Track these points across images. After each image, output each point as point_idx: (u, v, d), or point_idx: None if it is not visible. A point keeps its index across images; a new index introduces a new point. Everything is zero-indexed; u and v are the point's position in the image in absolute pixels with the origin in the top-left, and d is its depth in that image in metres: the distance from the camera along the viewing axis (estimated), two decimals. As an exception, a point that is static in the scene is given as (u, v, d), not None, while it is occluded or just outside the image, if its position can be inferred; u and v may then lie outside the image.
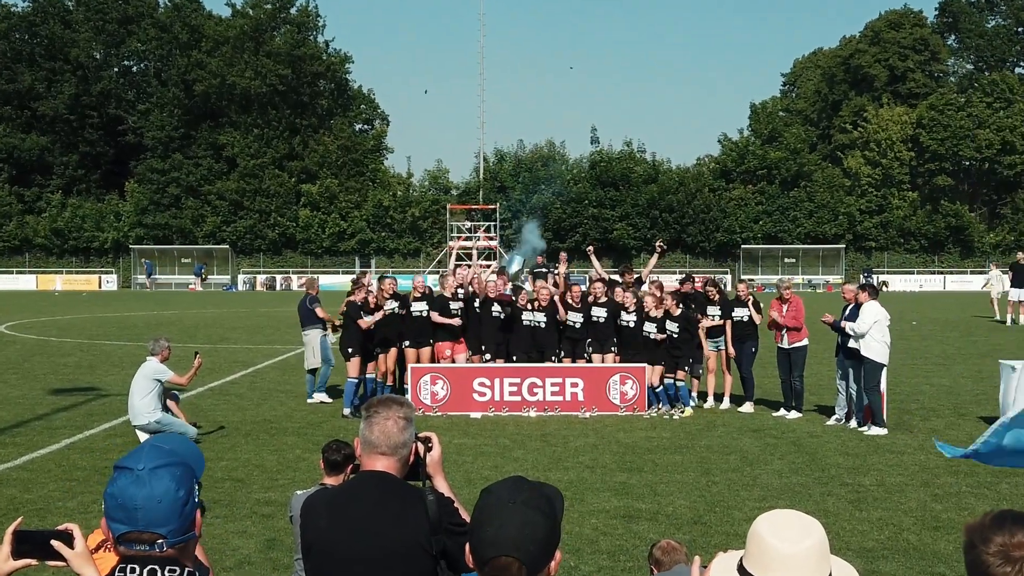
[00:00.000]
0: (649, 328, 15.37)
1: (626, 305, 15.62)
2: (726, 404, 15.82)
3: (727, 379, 15.92)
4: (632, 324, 15.54)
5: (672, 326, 15.27)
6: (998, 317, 34.64)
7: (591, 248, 18.90)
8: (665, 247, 18.57)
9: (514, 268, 16.96)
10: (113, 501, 2.53)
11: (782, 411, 15.17)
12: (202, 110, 75.68)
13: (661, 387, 15.37)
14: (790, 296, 15.14)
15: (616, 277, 17.42)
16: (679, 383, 15.45)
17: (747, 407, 15.48)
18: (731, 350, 15.83)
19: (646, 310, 15.42)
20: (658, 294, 15.68)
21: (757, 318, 15.63)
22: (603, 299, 15.75)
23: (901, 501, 9.93)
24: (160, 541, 2.50)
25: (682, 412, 15.23)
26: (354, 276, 17.15)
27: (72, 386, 18.17)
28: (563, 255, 19.64)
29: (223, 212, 74.31)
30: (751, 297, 15.88)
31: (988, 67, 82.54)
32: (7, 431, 13.73)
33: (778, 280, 16.68)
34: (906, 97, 77.25)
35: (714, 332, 15.89)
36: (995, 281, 36.92)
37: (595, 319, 15.71)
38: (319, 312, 16.80)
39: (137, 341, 26.27)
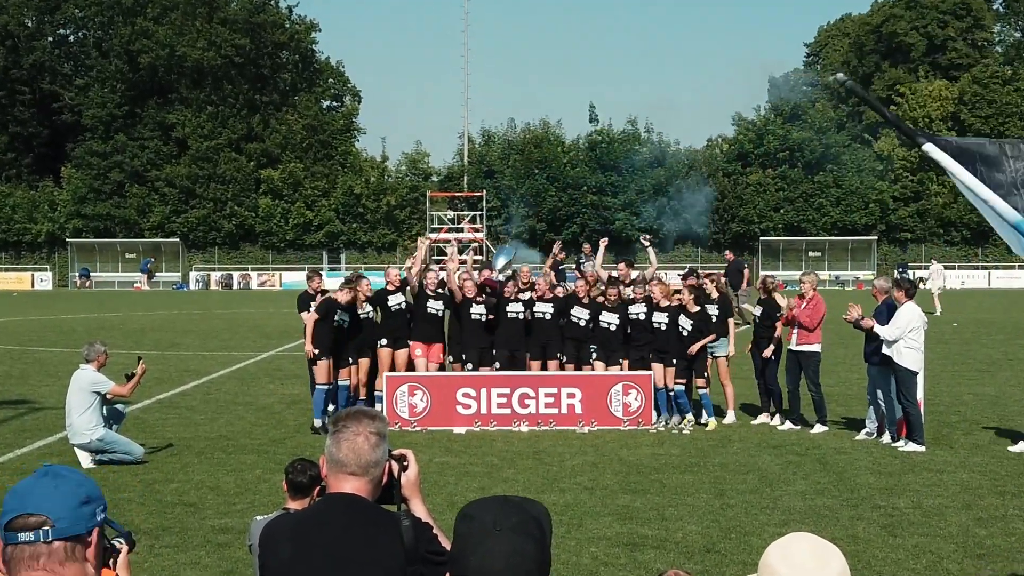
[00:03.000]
0: (660, 318, 15.39)
1: (635, 298, 15.66)
2: (731, 418, 15.82)
3: (728, 390, 15.93)
4: (642, 316, 15.57)
5: (686, 323, 15.30)
6: (937, 312, 37.85)
7: (605, 241, 18.89)
8: (651, 239, 18.66)
9: (500, 263, 16.93)
10: (8, 495, 2.67)
11: (788, 423, 15.25)
12: (148, 85, 75.48)
13: (672, 392, 15.39)
14: (811, 293, 15.12)
15: (614, 274, 17.42)
16: (699, 390, 15.50)
17: (778, 420, 15.51)
18: (731, 350, 16.01)
19: (655, 300, 15.46)
20: (664, 284, 15.78)
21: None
22: (615, 302, 15.75)
23: (940, 526, 9.97)
24: (47, 528, 2.58)
25: (692, 424, 15.28)
26: (317, 272, 16.94)
27: (0, 399, 18.11)
28: (587, 246, 19.61)
29: (172, 201, 74.14)
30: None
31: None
32: (-73, 450, 13.67)
33: (801, 275, 16.48)
34: (946, 69, 77.51)
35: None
36: (936, 276, 42.19)
37: (604, 325, 15.71)
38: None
39: (75, 347, 26.11)
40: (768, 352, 15.51)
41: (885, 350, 13.74)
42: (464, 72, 79.16)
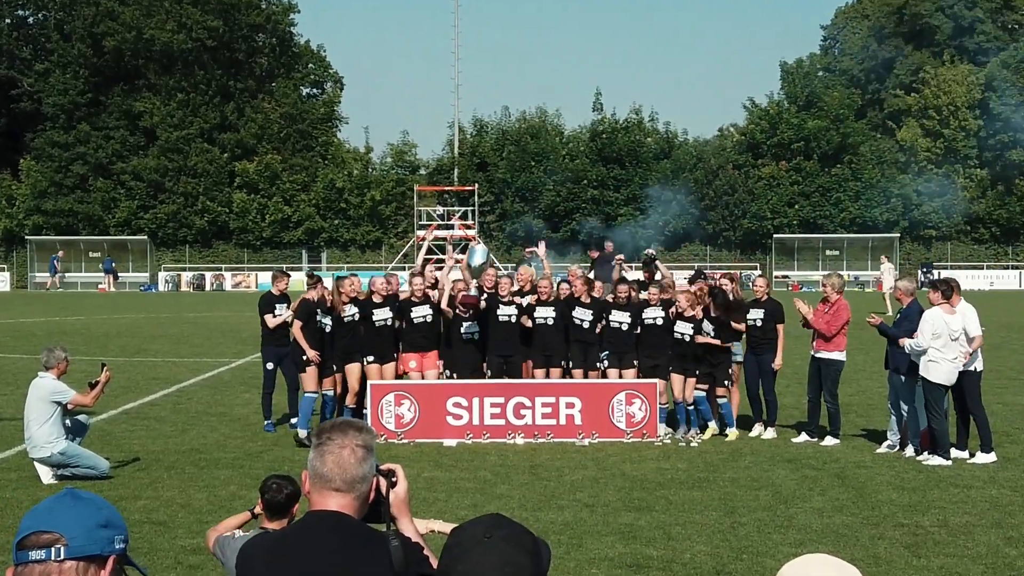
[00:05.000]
0: (683, 328, 15.40)
1: (650, 300, 15.68)
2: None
3: (734, 398, 15.94)
4: (659, 321, 15.56)
5: (709, 327, 15.31)
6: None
7: (610, 246, 18.86)
8: (654, 255, 18.77)
9: (477, 261, 16.82)
10: (25, 516, 2.71)
11: (804, 435, 15.25)
12: (113, 71, 75.36)
13: (693, 406, 15.40)
14: (835, 297, 15.09)
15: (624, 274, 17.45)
16: (720, 399, 15.52)
17: (769, 433, 15.53)
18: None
19: (680, 309, 15.46)
20: (692, 291, 15.80)
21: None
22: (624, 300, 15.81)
23: (968, 545, 9.99)
24: (59, 546, 2.61)
25: (713, 434, 15.32)
26: (308, 271, 17.06)
27: (-45, 409, 18.09)
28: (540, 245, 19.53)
29: (140, 196, 74.03)
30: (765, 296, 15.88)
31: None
32: None
33: (823, 277, 16.48)
34: (973, 54, 77.59)
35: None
36: (887, 275, 43.93)
37: (615, 324, 15.71)
38: None
39: (35, 353, 26.12)
40: (778, 362, 15.54)
41: (914, 359, 13.73)
42: (454, 56, 78.80)
